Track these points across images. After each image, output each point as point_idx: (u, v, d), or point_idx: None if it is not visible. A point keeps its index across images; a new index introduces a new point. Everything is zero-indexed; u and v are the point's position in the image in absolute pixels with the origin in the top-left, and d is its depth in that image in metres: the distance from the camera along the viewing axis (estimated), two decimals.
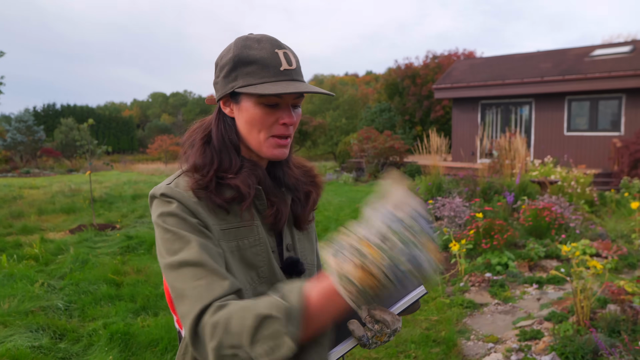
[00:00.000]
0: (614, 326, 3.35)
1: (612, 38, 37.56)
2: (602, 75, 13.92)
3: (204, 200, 1.03)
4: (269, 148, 1.06)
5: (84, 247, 6.72)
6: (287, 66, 1.03)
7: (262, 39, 1.06)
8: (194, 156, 1.08)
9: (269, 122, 1.04)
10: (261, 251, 1.07)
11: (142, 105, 73.14)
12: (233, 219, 1.05)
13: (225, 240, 1.02)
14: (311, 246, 1.23)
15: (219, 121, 1.10)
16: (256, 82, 1.01)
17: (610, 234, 6.50)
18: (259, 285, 1.05)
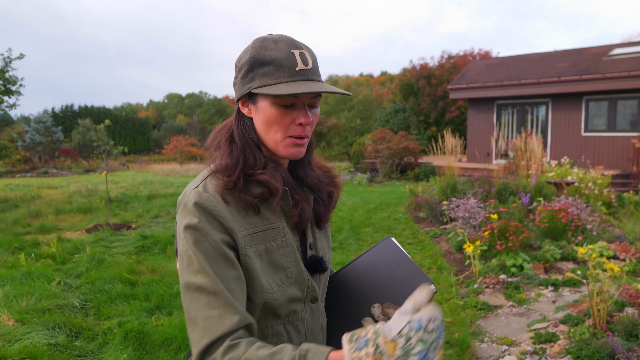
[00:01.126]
0: (632, 330, 3.29)
1: (631, 37, 36.90)
2: (621, 74, 13.70)
3: (233, 203, 1.04)
4: (285, 147, 1.07)
5: (100, 246, 6.81)
6: (303, 66, 1.03)
7: (280, 39, 1.06)
8: (221, 157, 1.09)
9: (286, 122, 1.05)
10: (289, 252, 1.09)
11: (158, 106, 73.84)
12: (260, 222, 1.06)
13: (253, 245, 1.04)
14: (328, 244, 1.26)
15: (238, 121, 1.12)
16: (272, 83, 1.02)
17: (628, 236, 6.39)
18: (288, 286, 1.08)
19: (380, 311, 1.05)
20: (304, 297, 1.12)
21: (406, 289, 1.12)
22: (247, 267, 1.02)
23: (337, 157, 32.15)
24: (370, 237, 7.48)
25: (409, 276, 1.17)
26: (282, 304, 1.07)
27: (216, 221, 1.00)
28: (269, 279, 1.05)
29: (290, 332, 1.11)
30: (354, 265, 1.28)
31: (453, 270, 5.58)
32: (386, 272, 1.21)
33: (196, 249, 0.98)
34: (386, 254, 1.25)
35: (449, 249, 6.54)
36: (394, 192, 13.12)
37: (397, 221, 8.81)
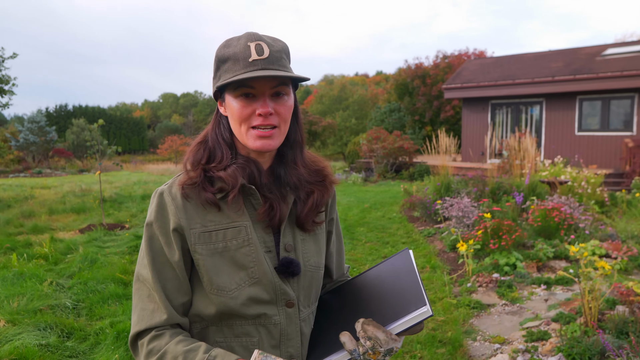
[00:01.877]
0: (622, 327, 3.30)
1: (625, 37, 37.12)
2: (614, 74, 13.77)
3: (194, 200, 1.08)
4: (250, 140, 1.08)
5: (93, 246, 6.78)
6: (257, 56, 1.03)
7: (242, 36, 1.08)
8: (189, 154, 1.15)
9: (246, 113, 1.06)
10: (251, 252, 1.07)
11: (153, 105, 73.68)
12: (222, 220, 1.08)
13: (209, 243, 1.06)
14: (317, 248, 1.20)
15: (215, 122, 1.16)
16: (229, 77, 1.04)
17: (620, 235, 6.42)
18: (249, 286, 1.06)
19: (361, 327, 1.00)
20: (275, 300, 1.09)
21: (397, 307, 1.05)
22: (197, 263, 1.06)
23: (332, 157, 32.15)
24: (365, 237, 7.48)
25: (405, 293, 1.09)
26: (243, 304, 1.06)
27: (169, 219, 1.06)
28: (225, 277, 1.06)
29: (262, 333, 1.09)
30: (365, 275, 1.24)
31: (447, 269, 5.59)
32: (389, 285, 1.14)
33: (147, 246, 1.08)
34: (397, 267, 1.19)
35: (442, 248, 6.56)
36: (388, 192, 13.14)
37: (392, 220, 8.82)
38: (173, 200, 1.07)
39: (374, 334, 0.98)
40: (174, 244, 1.06)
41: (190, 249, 1.06)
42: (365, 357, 0.99)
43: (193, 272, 1.09)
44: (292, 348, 1.12)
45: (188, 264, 1.08)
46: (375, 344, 0.98)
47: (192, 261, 1.08)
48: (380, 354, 0.99)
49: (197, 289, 1.09)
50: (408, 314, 1.01)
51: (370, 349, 0.98)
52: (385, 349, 0.98)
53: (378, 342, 0.98)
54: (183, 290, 1.07)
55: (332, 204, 1.30)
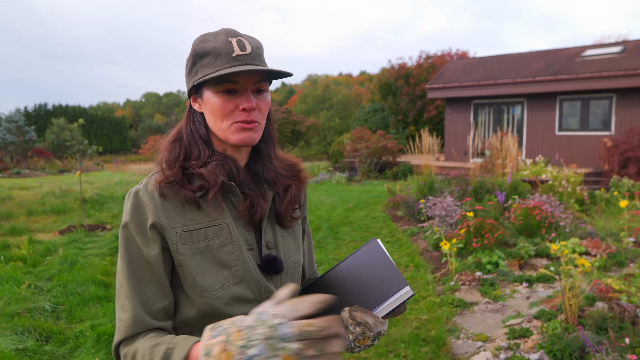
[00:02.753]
0: (602, 324, 3.35)
1: (603, 38, 37.80)
2: (593, 75, 14.00)
3: (172, 199, 1.05)
4: (233, 133, 1.06)
5: (73, 248, 6.67)
6: (240, 52, 1.03)
7: (219, 31, 1.07)
8: (163, 153, 1.11)
9: (229, 109, 1.04)
10: (234, 250, 1.06)
11: (135, 105, 72.90)
12: (203, 218, 1.05)
13: (191, 242, 1.03)
14: (296, 244, 1.21)
15: (189, 118, 1.13)
16: (211, 72, 1.03)
17: (599, 233, 6.53)
18: (234, 285, 1.04)
19: (349, 315, 1.03)
20: (258, 298, 1.08)
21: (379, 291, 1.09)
22: (180, 264, 1.02)
23: (315, 157, 32.16)
24: (349, 236, 7.49)
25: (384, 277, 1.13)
26: (228, 304, 1.04)
27: (147, 220, 1.02)
28: (209, 277, 1.03)
29: None
30: (339, 268, 1.24)
31: (430, 268, 5.62)
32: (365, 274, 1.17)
33: (123, 249, 1.03)
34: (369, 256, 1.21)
35: (426, 247, 6.59)
36: (372, 191, 13.17)
37: (375, 220, 8.84)
38: (151, 198, 1.04)
39: (363, 319, 1.01)
40: (151, 242, 1.02)
41: (171, 249, 1.02)
42: (355, 344, 1.02)
43: (174, 275, 1.05)
44: None
45: (168, 264, 1.04)
46: (365, 329, 1.01)
47: (173, 262, 1.04)
48: (370, 338, 1.02)
49: (182, 294, 1.05)
50: (392, 295, 1.06)
51: (359, 334, 1.00)
52: (374, 332, 1.01)
53: (368, 327, 1.01)
54: (163, 293, 1.03)
55: (304, 202, 1.30)
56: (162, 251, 1.02)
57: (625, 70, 13.49)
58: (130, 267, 1.02)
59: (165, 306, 1.04)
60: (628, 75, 13.43)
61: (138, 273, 1.01)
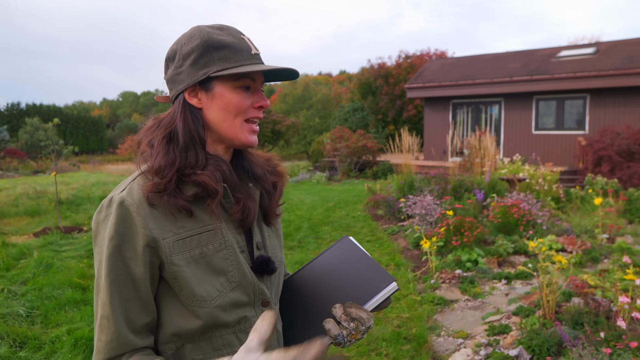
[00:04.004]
0: (578, 319, 3.42)
1: (577, 39, 38.62)
2: (567, 75, 14.28)
3: (161, 207, 0.97)
4: (244, 134, 1.04)
5: (49, 250, 6.53)
6: (256, 50, 1.05)
7: (223, 26, 1.04)
8: (155, 157, 1.00)
9: (245, 105, 1.03)
10: (229, 254, 1.01)
11: (112, 104, 71.80)
12: (195, 225, 0.99)
13: (185, 251, 0.97)
14: (280, 242, 1.20)
15: (184, 115, 1.02)
16: (233, 66, 0.99)
17: (575, 230, 6.66)
18: (230, 291, 1.01)
19: (342, 311, 1.04)
20: (252, 301, 1.05)
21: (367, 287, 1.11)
22: (175, 275, 0.96)
23: (295, 156, 32.11)
24: (329, 236, 7.49)
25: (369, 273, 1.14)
26: (226, 311, 1.00)
27: (135, 233, 0.95)
28: (207, 286, 0.98)
29: (243, 340, 1.02)
30: (311, 266, 1.24)
31: (410, 266, 5.66)
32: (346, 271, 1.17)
33: (107, 265, 0.95)
34: (345, 253, 1.21)
35: (406, 245, 6.63)
36: (352, 190, 13.21)
37: (356, 219, 8.87)
38: (139, 208, 0.95)
39: (358, 315, 1.04)
40: (139, 259, 0.95)
41: (165, 262, 0.96)
42: (348, 339, 1.04)
43: (162, 287, 1.00)
44: (271, 348, 1.09)
45: (154, 279, 0.98)
46: (358, 324, 1.03)
47: (160, 277, 0.99)
48: (361, 332, 1.04)
49: (170, 305, 1.00)
50: (381, 291, 1.10)
51: (353, 329, 1.03)
52: (366, 327, 1.04)
53: (362, 322, 1.03)
54: (146, 310, 0.97)
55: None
56: (149, 267, 0.96)
57: (598, 71, 13.79)
58: (114, 285, 0.94)
59: (148, 322, 0.98)
60: (601, 76, 13.74)
61: (121, 290, 0.94)
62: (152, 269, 0.96)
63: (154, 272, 0.97)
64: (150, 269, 0.96)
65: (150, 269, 0.96)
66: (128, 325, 0.95)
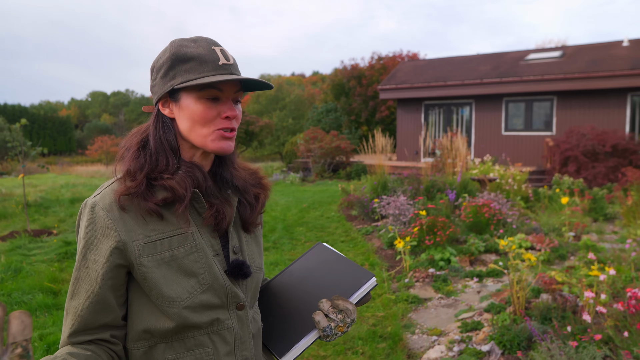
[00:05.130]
0: (546, 314, 3.54)
1: (544, 43, 39.65)
2: (535, 78, 14.67)
3: (132, 210, 1.02)
4: (214, 141, 1.05)
5: (17, 254, 6.37)
6: (225, 61, 1.04)
7: (198, 39, 1.07)
8: (127, 161, 1.06)
9: (211, 116, 1.04)
10: (200, 257, 1.04)
11: (81, 104, 70.16)
12: (166, 228, 1.03)
13: (155, 253, 1.01)
14: (259, 249, 1.22)
15: (157, 123, 1.08)
16: (195, 77, 1.01)
17: (543, 228, 6.86)
18: (201, 293, 1.04)
19: (330, 304, 1.10)
20: (226, 304, 1.08)
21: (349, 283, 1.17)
22: (144, 276, 1.00)
23: (269, 157, 32.02)
24: (304, 236, 7.52)
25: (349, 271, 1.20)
26: (197, 312, 1.03)
27: (101, 236, 1.00)
28: (177, 287, 1.01)
29: (216, 342, 1.06)
30: (289, 271, 1.28)
31: (385, 266, 5.74)
32: (325, 272, 1.22)
33: (77, 261, 1.03)
34: (321, 257, 1.27)
35: (380, 245, 6.72)
36: (326, 191, 13.27)
37: (330, 219, 8.92)
38: (108, 212, 1.00)
39: (345, 306, 1.10)
40: (103, 263, 0.99)
41: (134, 263, 1.00)
42: (335, 332, 1.10)
43: (134, 287, 1.04)
44: (247, 351, 1.12)
45: (121, 281, 1.02)
46: (345, 316, 1.09)
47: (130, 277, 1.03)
48: (347, 325, 1.10)
49: (142, 304, 1.03)
50: (362, 285, 1.15)
51: (340, 321, 1.09)
52: (351, 319, 1.10)
53: (348, 313, 1.10)
54: (106, 311, 1.01)
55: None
56: (115, 269, 1.00)
57: (565, 74, 14.22)
58: (77, 282, 1.01)
59: (108, 322, 1.02)
60: (567, 79, 14.17)
61: (81, 289, 1.01)
62: (117, 271, 1.00)
63: (119, 274, 1.01)
64: (116, 270, 1.00)
65: (115, 271, 1.00)
66: (81, 321, 1.00)
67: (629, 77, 13.32)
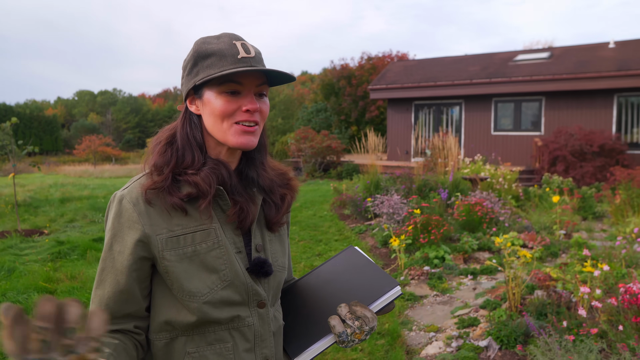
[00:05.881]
0: (542, 310, 3.61)
1: (531, 44, 40.08)
2: (524, 78, 14.84)
3: (158, 204, 1.04)
4: (234, 135, 1.05)
5: (9, 254, 6.31)
6: (245, 54, 1.04)
7: (222, 35, 1.08)
8: (155, 156, 1.09)
9: (231, 109, 1.04)
10: (222, 254, 1.05)
11: (68, 103, 69.39)
12: (190, 223, 1.04)
13: (178, 248, 1.03)
14: (283, 248, 1.22)
15: (184, 120, 1.10)
16: (215, 72, 1.02)
17: (535, 226, 6.96)
18: (222, 289, 1.05)
19: (348, 310, 1.07)
20: (247, 301, 1.09)
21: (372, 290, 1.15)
22: (167, 270, 1.02)
23: None
24: (298, 235, 7.54)
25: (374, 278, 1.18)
26: (217, 308, 1.05)
27: (131, 227, 1.02)
28: (198, 282, 1.03)
29: (236, 337, 1.08)
30: (317, 272, 1.28)
31: (379, 264, 5.79)
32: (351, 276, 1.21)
33: (103, 252, 1.06)
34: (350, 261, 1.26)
35: (374, 244, 6.77)
36: (318, 191, 13.30)
37: (323, 219, 8.96)
38: (134, 206, 1.02)
39: (362, 313, 1.07)
40: (128, 255, 1.02)
41: (157, 256, 1.02)
42: (351, 338, 1.06)
43: (157, 279, 1.06)
44: (267, 349, 1.12)
45: (145, 273, 1.05)
46: (362, 323, 1.05)
47: (154, 269, 1.05)
48: (364, 332, 1.06)
49: (165, 296, 1.06)
50: (385, 293, 1.12)
51: (357, 328, 1.05)
52: (369, 326, 1.06)
53: (365, 321, 1.06)
54: (130, 302, 1.04)
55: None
56: (139, 261, 1.02)
57: (553, 75, 14.41)
58: (103, 273, 1.04)
59: (132, 312, 1.05)
60: (555, 80, 14.35)
61: (106, 279, 1.04)
62: (141, 263, 1.03)
63: (144, 266, 1.03)
64: (140, 263, 1.02)
65: (140, 263, 1.02)
66: (106, 310, 1.02)
67: (615, 78, 13.53)
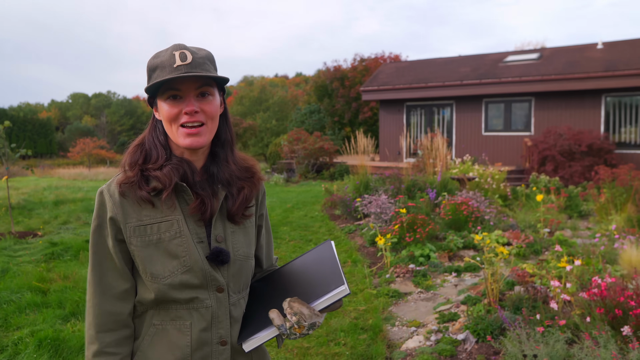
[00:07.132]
0: (518, 304, 3.74)
1: (523, 45, 40.37)
2: (514, 79, 15.03)
3: (131, 197, 1.22)
4: (180, 138, 1.22)
5: (3, 255, 6.40)
6: (180, 62, 1.17)
7: (169, 47, 1.23)
8: (128, 156, 1.28)
9: (174, 113, 1.21)
10: (182, 242, 1.22)
11: (61, 106, 69.16)
12: (157, 214, 1.22)
13: (145, 235, 1.21)
14: (247, 240, 1.33)
15: (151, 126, 1.30)
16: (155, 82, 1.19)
17: (520, 225, 7.11)
18: (182, 273, 1.21)
19: (287, 305, 1.17)
20: (205, 285, 1.23)
21: (319, 287, 1.22)
22: (133, 254, 1.22)
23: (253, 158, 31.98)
24: (288, 235, 7.67)
25: (327, 275, 1.25)
26: (177, 289, 1.20)
27: (108, 217, 1.21)
28: (160, 266, 1.20)
29: (195, 316, 1.22)
30: (292, 263, 1.39)
31: (367, 262, 5.92)
32: (313, 271, 1.30)
33: (91, 241, 1.25)
34: (321, 255, 1.35)
35: (362, 243, 6.90)
36: (310, 191, 13.43)
37: (314, 219, 9.08)
38: (111, 197, 1.21)
39: (299, 310, 1.15)
40: (109, 234, 1.21)
41: (126, 241, 1.21)
42: (291, 331, 1.16)
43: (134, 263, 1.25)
44: (222, 330, 1.26)
45: (127, 253, 1.23)
46: (300, 319, 1.14)
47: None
48: (305, 327, 1.15)
49: (138, 277, 1.24)
50: (329, 292, 1.18)
51: (295, 323, 1.14)
52: (308, 323, 1.15)
53: (302, 317, 1.14)
54: (123, 278, 1.23)
55: (262, 200, 1.43)
56: (118, 242, 1.22)
57: (542, 76, 14.59)
58: (96, 256, 1.23)
59: (128, 288, 1.24)
60: (544, 80, 14.54)
61: (101, 261, 1.22)
62: (121, 246, 1.22)
63: (124, 248, 1.23)
64: (119, 245, 1.22)
65: (119, 245, 1.22)
66: (109, 290, 1.22)
67: (603, 79, 13.73)
